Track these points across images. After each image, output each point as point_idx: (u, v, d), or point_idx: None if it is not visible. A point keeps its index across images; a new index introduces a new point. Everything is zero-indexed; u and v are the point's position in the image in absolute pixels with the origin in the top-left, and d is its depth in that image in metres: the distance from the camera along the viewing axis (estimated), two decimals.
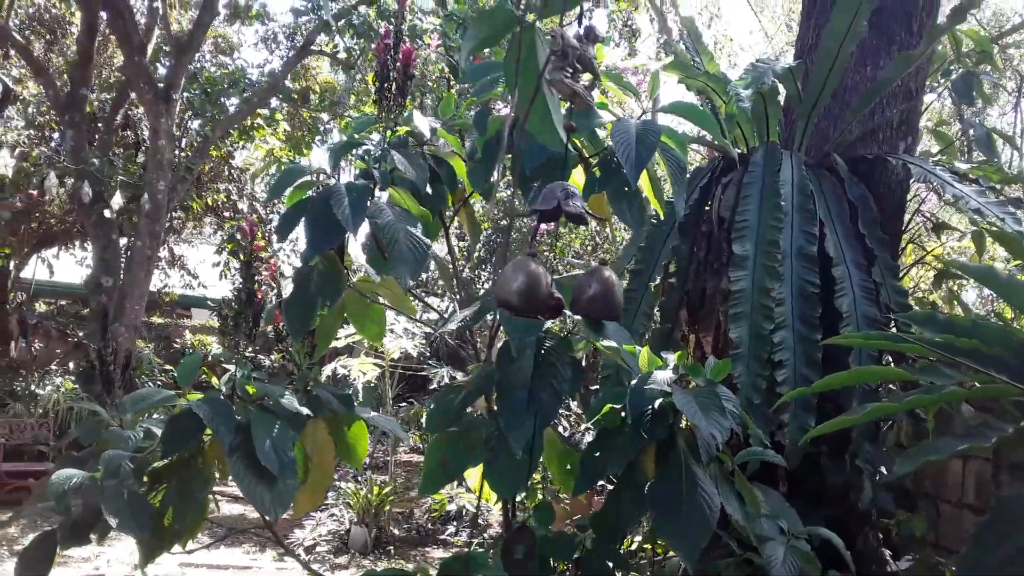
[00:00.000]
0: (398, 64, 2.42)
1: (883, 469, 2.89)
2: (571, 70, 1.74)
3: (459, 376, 6.92)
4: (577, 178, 2.37)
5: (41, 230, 13.06)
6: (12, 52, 12.40)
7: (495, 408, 2.01)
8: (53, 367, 11.30)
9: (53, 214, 12.71)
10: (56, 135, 13.42)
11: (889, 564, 3.21)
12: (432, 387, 7.86)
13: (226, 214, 14.47)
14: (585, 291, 1.74)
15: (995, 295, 5.69)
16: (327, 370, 7.64)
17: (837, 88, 3.35)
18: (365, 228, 2.16)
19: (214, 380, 2.14)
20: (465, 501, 7.38)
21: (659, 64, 3.33)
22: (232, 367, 2.14)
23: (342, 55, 11.04)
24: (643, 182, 2.18)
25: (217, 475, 1.98)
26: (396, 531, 7.39)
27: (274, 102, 11.75)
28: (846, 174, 3.22)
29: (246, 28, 12.69)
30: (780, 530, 2.04)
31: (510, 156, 2.28)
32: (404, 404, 10.37)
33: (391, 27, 2.53)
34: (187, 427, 1.86)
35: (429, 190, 2.39)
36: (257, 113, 11.52)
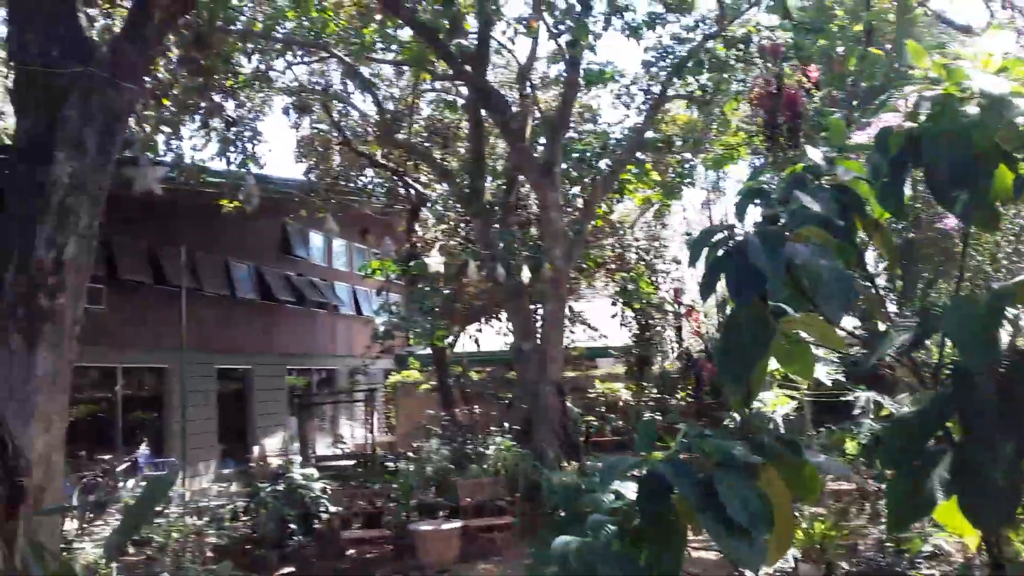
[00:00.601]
0: (784, 108, 2.46)
1: None
2: None
3: (885, 400, 6.45)
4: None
5: (467, 309, 14.91)
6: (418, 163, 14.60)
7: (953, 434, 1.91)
8: (492, 428, 12.67)
9: (473, 294, 14.51)
10: (463, 226, 15.40)
11: None
12: (855, 412, 7.41)
13: (612, 267, 15.32)
14: None
15: None
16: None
17: None
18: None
19: (666, 439, 2.31)
20: (940, 538, 6.75)
21: None
22: (682, 426, 2.29)
23: (697, 93, 11.21)
24: None
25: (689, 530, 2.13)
26: (846, 565, 7.02)
27: (640, 155, 12.24)
28: None
29: (601, 90, 13.47)
30: None
31: (923, 168, 2.18)
32: (822, 430, 9.95)
33: (769, 74, 2.59)
34: (655, 488, 2.02)
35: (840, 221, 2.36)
36: (627, 168, 12.11)
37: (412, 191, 16.25)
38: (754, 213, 2.49)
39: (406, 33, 11.42)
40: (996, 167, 2.18)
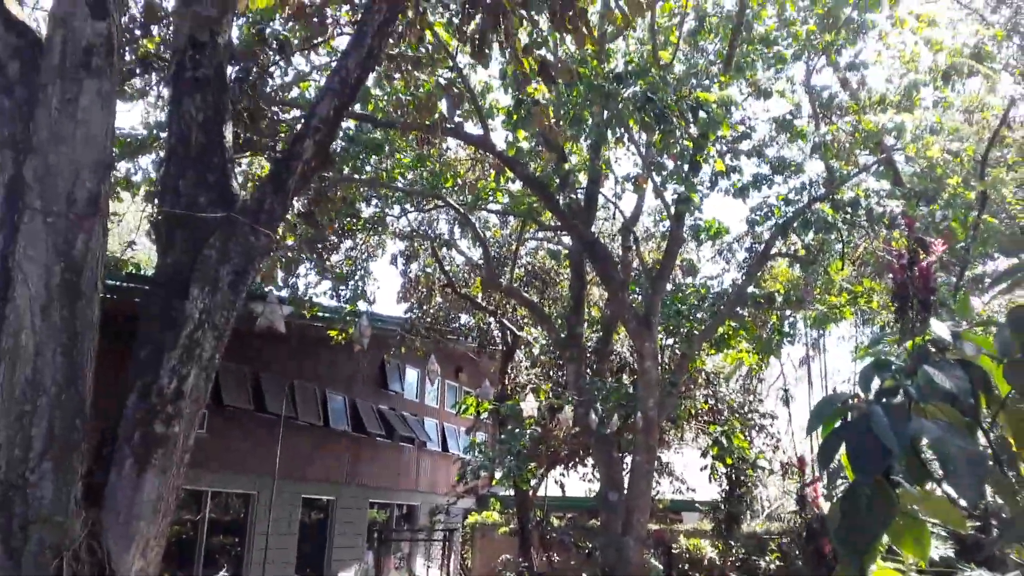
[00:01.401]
0: (918, 281, 2.50)
1: None
2: None
3: None
4: None
5: (552, 453, 14.78)
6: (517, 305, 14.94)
7: None
8: None
9: (561, 439, 14.39)
10: (556, 371, 15.50)
11: None
12: None
13: (705, 419, 15.00)
14: None
15: None
16: None
17: None
18: None
19: None
20: None
21: None
22: None
23: (800, 252, 11.23)
24: None
25: None
26: None
27: (739, 309, 12.22)
28: None
29: (704, 245, 13.70)
30: None
31: None
32: None
33: (901, 249, 2.65)
34: None
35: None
36: (727, 323, 12.08)
37: (508, 332, 16.57)
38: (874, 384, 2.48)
39: (516, 184, 11.97)
40: None
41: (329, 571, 16.86)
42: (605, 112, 8.08)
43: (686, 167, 9.84)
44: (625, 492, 10.80)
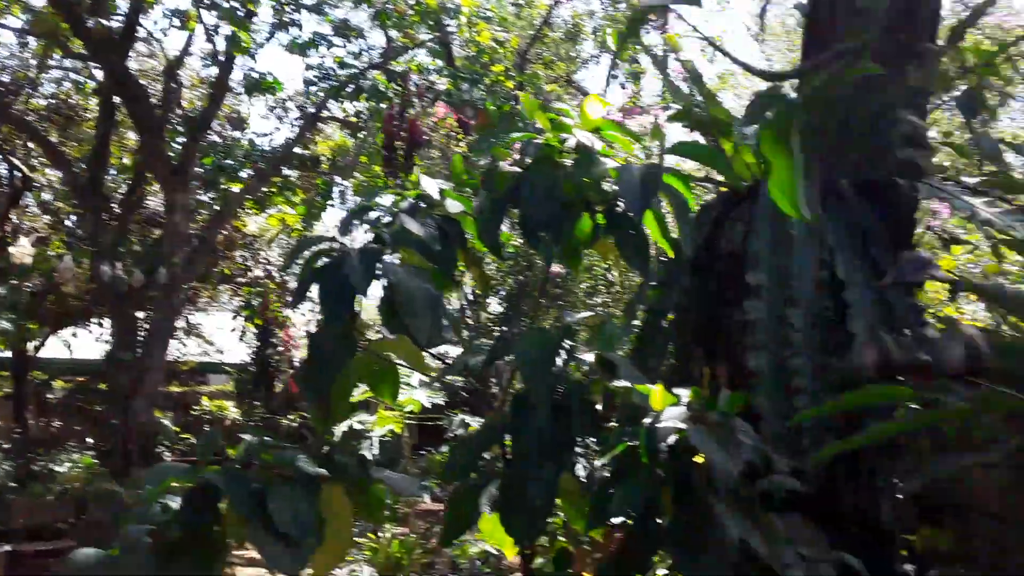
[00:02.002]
0: (404, 134, 2.49)
1: (903, 486, 2.83)
2: None
3: (476, 423, 6.88)
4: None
5: (59, 309, 13.26)
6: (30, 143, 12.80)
7: (509, 455, 2.01)
8: (72, 444, 11.37)
9: (70, 294, 12.91)
10: (73, 218, 13.72)
11: None
12: (449, 435, 7.83)
13: (241, 280, 14.65)
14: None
15: None
16: (343, 426, 7.57)
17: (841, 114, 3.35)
18: (379, 290, 2.19)
19: (231, 450, 2.14)
20: (489, 548, 7.29)
21: (666, 115, 3.37)
22: (248, 436, 2.15)
23: (352, 118, 11.27)
24: (649, 224, 2.21)
25: (236, 542, 1.98)
26: None
27: (285, 169, 11.97)
28: (854, 197, 3.20)
29: (255, 100, 13.03)
30: (801, 557, 2.00)
31: (518, 211, 2.31)
32: (423, 453, 10.35)
33: (397, 99, 2.61)
34: (204, 499, 1.86)
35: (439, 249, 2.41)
36: (272, 183, 11.74)
37: (18, 173, 14.17)
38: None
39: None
40: (580, 216, 2.40)
41: None
42: None
43: (241, 11, 9.20)
44: (139, 352, 10.17)
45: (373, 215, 2.42)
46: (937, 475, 1.81)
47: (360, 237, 2.35)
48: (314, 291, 2.13)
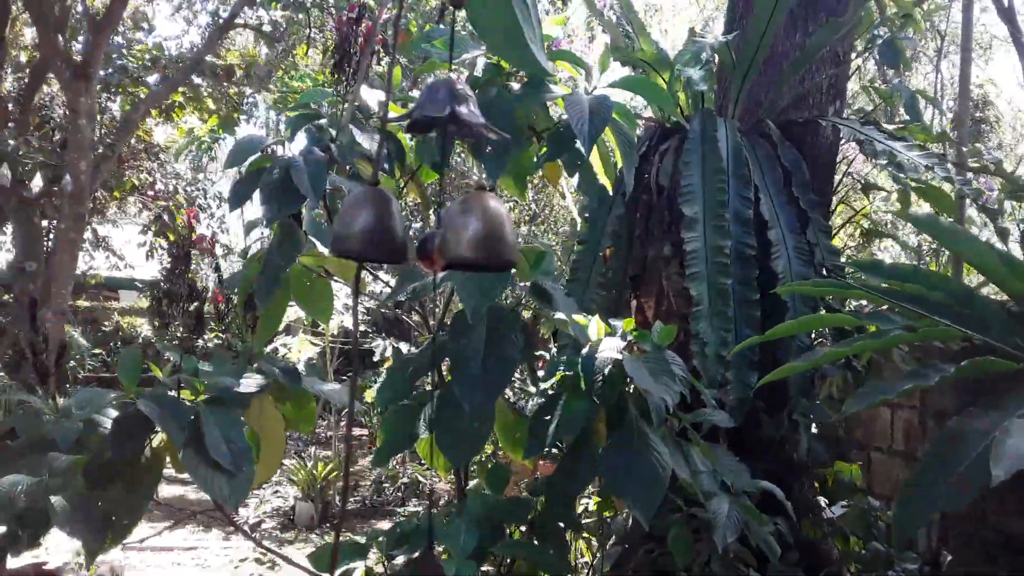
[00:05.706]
0: (359, 39, 2.41)
1: (817, 421, 3.02)
2: None
3: (402, 347, 6.88)
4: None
5: None
6: None
7: (446, 377, 2.03)
8: None
9: None
10: None
11: (825, 511, 3.37)
12: (375, 360, 7.81)
13: (150, 193, 14.03)
14: (463, 229, 1.16)
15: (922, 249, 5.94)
16: (268, 349, 7.53)
17: (768, 56, 3.42)
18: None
19: (156, 371, 2.09)
20: (417, 473, 7.42)
21: (601, 46, 3.35)
22: (173, 355, 2.10)
23: (267, 27, 10.75)
24: (593, 154, 2.23)
25: (172, 468, 1.96)
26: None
27: (196, 78, 11.40)
28: (778, 139, 3.30)
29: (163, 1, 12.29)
30: (724, 485, 2.12)
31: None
32: (344, 379, 10.29)
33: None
34: (135, 427, 1.82)
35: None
36: (180, 91, 11.17)
37: None
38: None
39: None
40: (530, 142, 2.40)
41: None
42: None
43: None
44: (45, 263, 9.71)
45: (317, 122, 2.38)
46: (848, 413, 1.91)
47: (300, 143, 2.30)
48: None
